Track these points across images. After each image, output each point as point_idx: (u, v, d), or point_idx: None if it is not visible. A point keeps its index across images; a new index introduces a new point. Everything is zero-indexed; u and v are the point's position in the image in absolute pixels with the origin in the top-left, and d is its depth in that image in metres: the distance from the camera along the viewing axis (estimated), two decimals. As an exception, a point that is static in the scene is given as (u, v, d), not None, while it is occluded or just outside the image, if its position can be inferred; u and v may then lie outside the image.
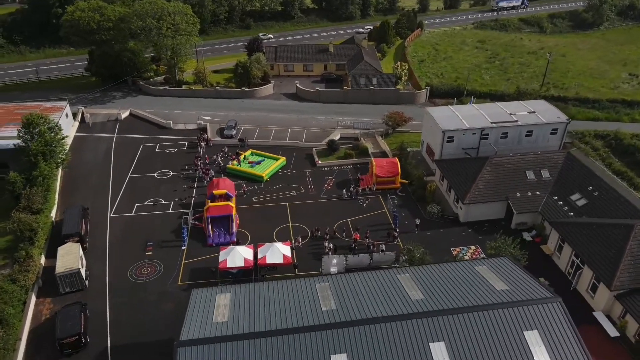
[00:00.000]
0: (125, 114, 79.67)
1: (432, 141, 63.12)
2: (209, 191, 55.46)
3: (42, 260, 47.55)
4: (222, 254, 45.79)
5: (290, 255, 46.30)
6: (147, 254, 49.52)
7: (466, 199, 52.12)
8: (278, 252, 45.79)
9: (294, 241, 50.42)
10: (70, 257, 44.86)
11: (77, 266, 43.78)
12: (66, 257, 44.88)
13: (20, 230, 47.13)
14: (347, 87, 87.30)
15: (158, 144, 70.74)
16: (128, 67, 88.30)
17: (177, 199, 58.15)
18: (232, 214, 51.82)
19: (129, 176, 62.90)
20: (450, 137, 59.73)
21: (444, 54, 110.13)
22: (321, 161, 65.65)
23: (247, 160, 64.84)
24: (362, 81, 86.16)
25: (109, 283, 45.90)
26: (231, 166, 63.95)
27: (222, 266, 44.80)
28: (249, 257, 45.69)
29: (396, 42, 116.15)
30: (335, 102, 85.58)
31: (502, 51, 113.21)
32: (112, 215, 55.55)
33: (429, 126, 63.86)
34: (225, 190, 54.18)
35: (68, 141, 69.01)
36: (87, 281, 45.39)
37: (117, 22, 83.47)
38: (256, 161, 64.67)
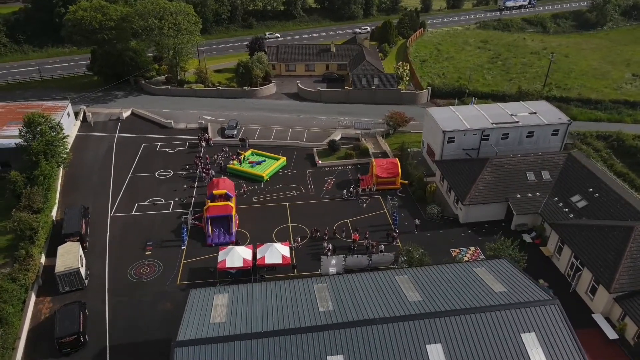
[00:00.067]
0: (127, 113, 79.79)
1: (432, 142, 63.01)
2: (208, 191, 55.54)
3: (42, 259, 47.70)
4: (221, 254, 45.85)
5: (289, 256, 46.33)
6: (147, 253, 49.63)
7: (466, 199, 52.01)
8: (277, 252, 45.81)
9: (293, 241, 50.45)
10: (70, 257, 45.00)
11: (76, 265, 43.92)
12: (66, 257, 45.02)
13: (20, 229, 47.26)
14: (348, 87, 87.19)
15: (159, 144, 70.80)
16: (130, 67, 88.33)
17: (178, 199, 58.23)
18: (232, 214, 51.88)
19: (129, 176, 62.99)
20: (451, 137, 59.61)
21: (446, 54, 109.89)
22: (322, 161, 65.60)
23: (247, 160, 64.93)
24: (364, 81, 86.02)
25: (108, 282, 46.04)
26: (232, 166, 64.01)
27: (221, 266, 44.86)
28: (248, 257, 45.73)
29: (398, 42, 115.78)
30: (337, 102, 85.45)
31: (504, 51, 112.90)
32: (112, 214, 55.68)
33: (429, 127, 63.74)
34: (225, 190, 54.23)
35: (69, 140, 69.16)
36: (86, 280, 45.54)
37: (119, 22, 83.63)
38: (257, 161, 64.74)
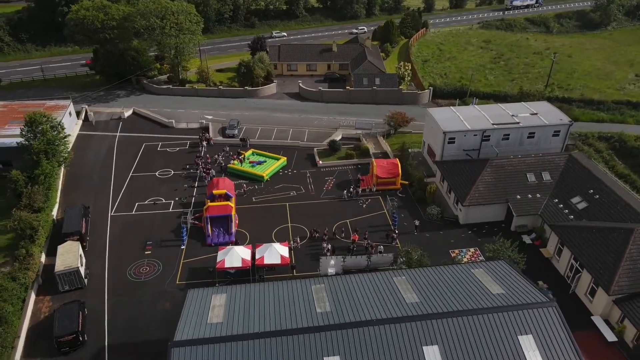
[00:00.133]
0: (129, 112, 79.97)
1: (433, 142, 62.90)
2: (208, 191, 55.61)
3: (43, 259, 47.88)
4: (220, 254, 45.91)
5: (288, 256, 46.34)
6: (147, 253, 49.75)
7: (466, 200, 51.89)
8: (276, 252, 45.82)
9: (292, 242, 50.47)
10: (69, 256, 45.16)
11: (76, 265, 44.07)
12: (66, 256, 45.19)
13: (20, 228, 47.44)
14: (349, 87, 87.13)
15: (160, 143, 70.93)
16: (132, 66, 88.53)
17: (178, 198, 58.36)
18: (232, 214, 51.94)
19: (130, 175, 63.15)
20: (451, 138, 59.47)
21: (449, 54, 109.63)
22: (322, 161, 65.57)
23: (248, 160, 64.98)
24: (365, 81, 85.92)
25: (107, 282, 46.18)
26: (232, 166, 64.08)
27: (220, 266, 44.91)
28: (247, 257, 45.79)
29: (400, 41, 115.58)
30: (338, 102, 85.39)
31: (507, 51, 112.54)
32: (112, 214, 55.83)
33: (430, 127, 63.62)
34: (224, 190, 54.29)
35: (71, 139, 69.48)
36: (86, 280, 45.69)
37: (121, 21, 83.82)
38: (257, 161, 64.78)
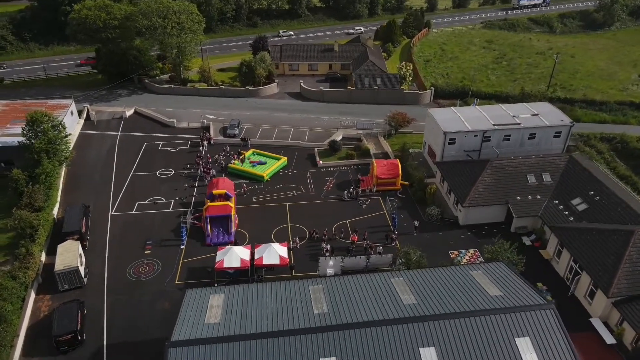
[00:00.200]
0: (130, 112, 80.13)
1: (433, 143, 62.79)
2: (208, 191, 55.67)
3: (43, 258, 48.07)
4: (219, 254, 45.98)
5: (286, 256, 46.32)
6: (146, 252, 49.87)
7: (466, 201, 51.79)
8: (275, 253, 45.84)
9: (292, 242, 50.51)
10: (69, 255, 45.34)
11: (75, 264, 44.22)
12: (65, 255, 45.37)
13: (21, 227, 47.70)
14: (351, 87, 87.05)
15: (161, 143, 71.09)
16: (134, 65, 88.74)
17: (178, 198, 58.48)
18: (231, 214, 52.01)
19: (131, 174, 63.31)
20: (452, 139, 59.34)
21: (451, 54, 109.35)
22: (322, 161, 65.56)
23: (248, 159, 65.03)
24: (367, 81, 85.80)
25: (107, 281, 46.32)
26: (233, 165, 64.15)
27: (219, 266, 44.98)
28: (246, 257, 45.82)
29: (402, 41, 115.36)
30: (339, 101, 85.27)
31: (509, 51, 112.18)
32: (113, 213, 56.00)
33: (430, 128, 63.51)
34: (224, 190, 54.33)
35: (73, 139, 69.80)
36: (86, 279, 45.86)
37: (123, 21, 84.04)
38: (258, 161, 64.81)
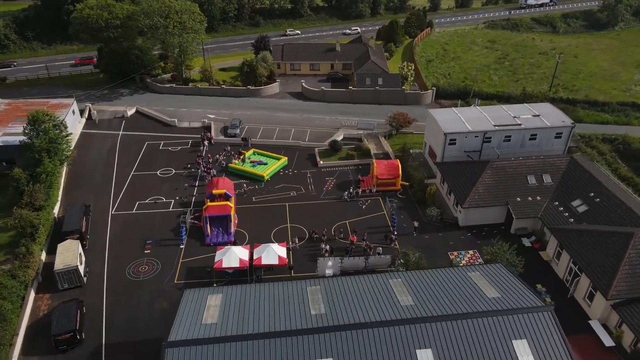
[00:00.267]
0: (132, 111, 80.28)
1: (434, 143, 62.67)
2: (208, 191, 55.75)
3: (43, 257, 48.28)
4: (218, 254, 46.05)
5: (285, 257, 46.33)
6: (146, 252, 50.00)
7: (465, 202, 51.68)
8: (273, 253, 45.86)
9: (291, 242, 50.55)
10: (69, 254, 45.50)
11: (75, 263, 44.37)
12: (65, 254, 45.54)
13: (21, 226, 47.93)
14: (352, 86, 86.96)
15: (162, 142, 71.24)
16: (136, 65, 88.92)
17: (178, 198, 58.60)
18: (231, 214, 52.07)
19: (132, 174, 63.47)
20: (452, 139, 59.18)
21: (453, 54, 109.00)
22: (323, 161, 65.55)
23: (249, 159, 65.07)
24: (368, 81, 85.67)
25: (106, 280, 46.46)
26: (233, 165, 64.22)
27: (218, 266, 45.05)
28: (245, 257, 45.86)
29: (405, 41, 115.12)
30: (341, 101, 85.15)
31: (512, 51, 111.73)
32: (113, 212, 56.16)
33: (431, 128, 63.38)
34: (224, 190, 54.38)
35: (74, 138, 69.99)
36: (85, 278, 46.03)
37: (125, 20, 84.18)
38: (259, 161, 64.84)
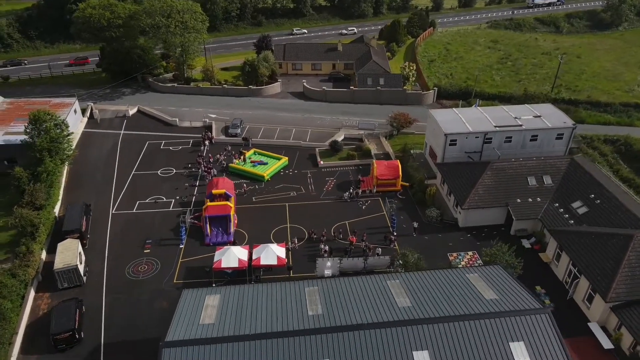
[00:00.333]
0: (133, 110, 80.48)
1: (434, 144, 62.56)
2: (208, 190, 55.83)
3: (43, 256, 48.44)
4: (217, 254, 46.12)
5: (284, 257, 46.37)
6: (146, 251, 50.11)
7: (465, 203, 51.58)
8: (272, 253, 45.90)
9: (290, 242, 50.58)
10: (69, 254, 45.64)
11: (74, 262, 44.52)
12: (65, 253, 45.67)
13: (21, 225, 48.11)
14: (354, 86, 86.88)
15: (163, 142, 71.39)
16: (138, 64, 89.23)
17: (178, 197, 58.70)
18: (230, 214, 52.13)
19: (132, 173, 63.63)
20: (453, 140, 59.07)
21: (455, 54, 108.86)
22: (323, 162, 65.54)
23: (250, 159, 65.12)
24: (369, 81, 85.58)
25: (106, 280, 46.59)
26: (234, 165, 64.29)
27: (217, 266, 45.11)
28: (244, 257, 45.93)
29: (407, 41, 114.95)
30: (342, 101, 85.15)
31: (515, 51, 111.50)
32: (113, 212, 56.31)
33: (432, 129, 63.27)
34: (224, 190, 54.42)
35: (76, 137, 70.21)
36: (85, 277, 46.18)
37: (127, 20, 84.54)
38: (259, 161, 64.89)
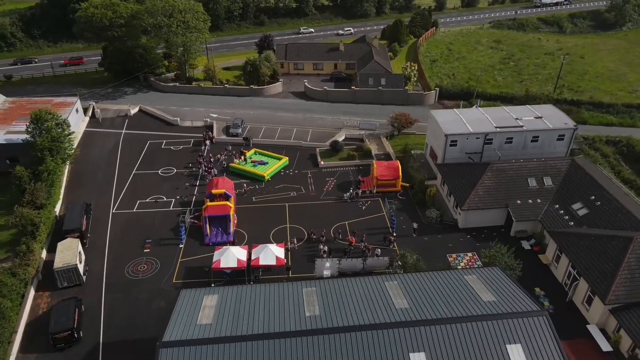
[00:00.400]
0: (135, 110, 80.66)
1: (435, 145, 62.45)
2: (208, 190, 55.91)
3: (44, 255, 48.62)
4: (217, 254, 46.20)
5: (283, 257, 46.39)
6: (145, 251, 50.24)
7: (465, 204, 51.48)
8: (271, 253, 45.93)
9: (289, 243, 50.60)
10: (68, 253, 45.80)
11: (74, 262, 44.67)
12: (65, 253, 45.84)
13: (22, 224, 48.31)
14: (355, 86, 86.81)
15: (164, 141, 71.52)
16: (140, 63, 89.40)
17: (179, 197, 58.80)
18: (230, 214, 52.20)
19: (133, 172, 63.78)
20: (454, 141, 58.95)
21: (458, 54, 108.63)
22: (324, 162, 65.53)
23: (250, 159, 65.17)
24: (371, 81, 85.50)
25: (105, 279, 46.74)
26: (234, 165, 64.36)
27: (216, 266, 45.20)
28: (243, 258, 45.98)
29: (409, 41, 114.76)
30: (343, 101, 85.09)
31: (517, 51, 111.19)
32: (114, 211, 56.46)
33: (432, 129, 63.16)
34: (223, 190, 54.46)
35: (77, 136, 70.47)
36: (84, 276, 46.35)
37: (129, 19, 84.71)
38: (260, 161, 64.93)
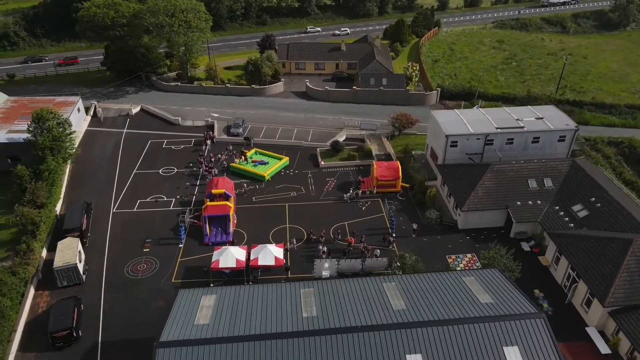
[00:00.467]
0: (136, 109, 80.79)
1: (435, 145, 62.34)
2: (208, 190, 56.00)
3: (44, 254, 48.81)
4: (216, 254, 46.28)
5: (282, 258, 46.41)
6: (145, 250, 50.38)
7: (465, 205, 51.38)
8: (270, 254, 45.97)
9: (289, 243, 50.64)
10: (68, 252, 45.94)
11: (74, 261, 44.83)
12: (65, 252, 45.99)
13: (22, 223, 48.50)
14: (357, 86, 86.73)
15: (165, 141, 71.65)
16: (141, 63, 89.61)
17: (179, 197, 58.92)
18: (230, 214, 52.26)
19: (134, 172, 63.92)
20: (454, 142, 58.83)
21: (460, 54, 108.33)
22: (324, 162, 65.51)
23: (251, 159, 65.23)
24: (372, 81, 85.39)
25: (105, 278, 46.90)
26: (235, 165, 64.43)
27: (215, 266, 45.27)
28: (242, 258, 46.04)
29: (411, 41, 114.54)
30: (344, 101, 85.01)
31: (520, 52, 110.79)
32: (114, 210, 56.62)
33: (433, 130, 63.03)
34: (223, 190, 54.52)
35: (79, 135, 70.66)
36: (84, 276, 46.51)
37: (131, 19, 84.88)
38: (260, 160, 64.98)
